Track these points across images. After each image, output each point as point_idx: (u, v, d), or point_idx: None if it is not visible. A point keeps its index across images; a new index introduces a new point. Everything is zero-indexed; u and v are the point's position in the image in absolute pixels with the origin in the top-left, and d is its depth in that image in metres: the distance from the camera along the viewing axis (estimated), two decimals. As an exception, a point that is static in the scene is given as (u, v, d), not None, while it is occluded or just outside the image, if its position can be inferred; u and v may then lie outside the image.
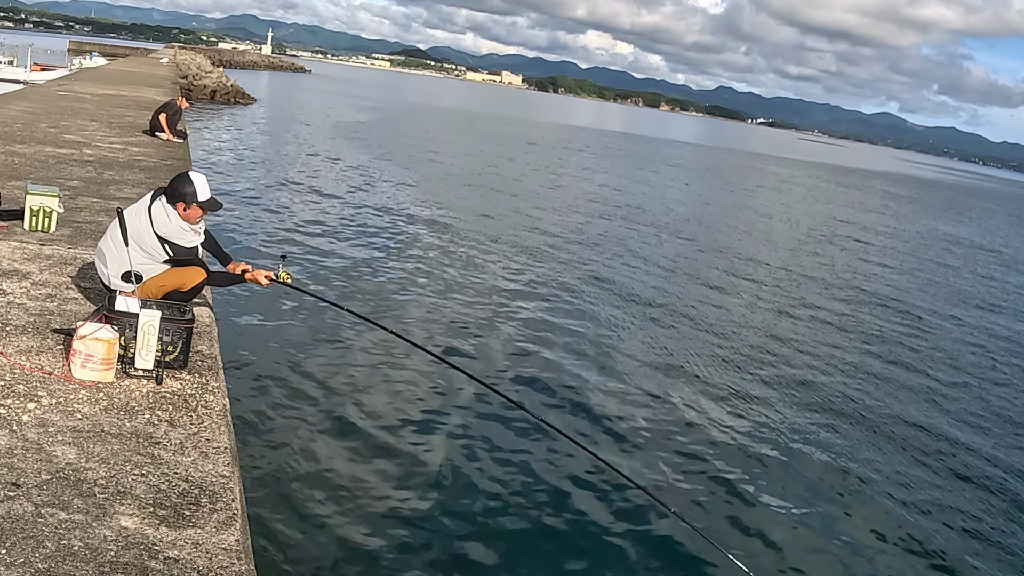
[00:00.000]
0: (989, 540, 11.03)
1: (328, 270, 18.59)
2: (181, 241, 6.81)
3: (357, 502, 8.93)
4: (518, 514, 9.40)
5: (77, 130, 19.26)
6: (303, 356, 13.16)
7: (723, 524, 10.05)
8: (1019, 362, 20.38)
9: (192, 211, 6.83)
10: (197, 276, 6.89)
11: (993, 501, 12.20)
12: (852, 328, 20.85)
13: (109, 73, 46.62)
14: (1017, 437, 15.06)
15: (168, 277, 6.83)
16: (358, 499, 8.98)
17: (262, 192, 27.37)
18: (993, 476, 13.07)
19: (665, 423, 12.88)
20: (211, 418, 5.50)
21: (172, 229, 6.76)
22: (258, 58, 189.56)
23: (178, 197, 6.79)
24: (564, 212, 33.77)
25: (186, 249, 6.86)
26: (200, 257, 7.10)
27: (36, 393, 5.39)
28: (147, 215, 6.76)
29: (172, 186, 6.85)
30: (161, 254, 6.77)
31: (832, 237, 39.01)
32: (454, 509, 9.18)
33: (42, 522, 4.04)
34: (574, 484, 10.19)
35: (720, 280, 24.33)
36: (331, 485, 9.24)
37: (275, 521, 8.33)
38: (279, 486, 8.99)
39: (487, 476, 10.05)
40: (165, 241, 6.74)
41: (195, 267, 6.93)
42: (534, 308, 17.93)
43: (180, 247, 6.81)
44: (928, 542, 10.63)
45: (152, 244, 6.72)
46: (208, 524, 4.30)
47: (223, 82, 66.30)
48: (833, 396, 15.27)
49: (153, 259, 6.77)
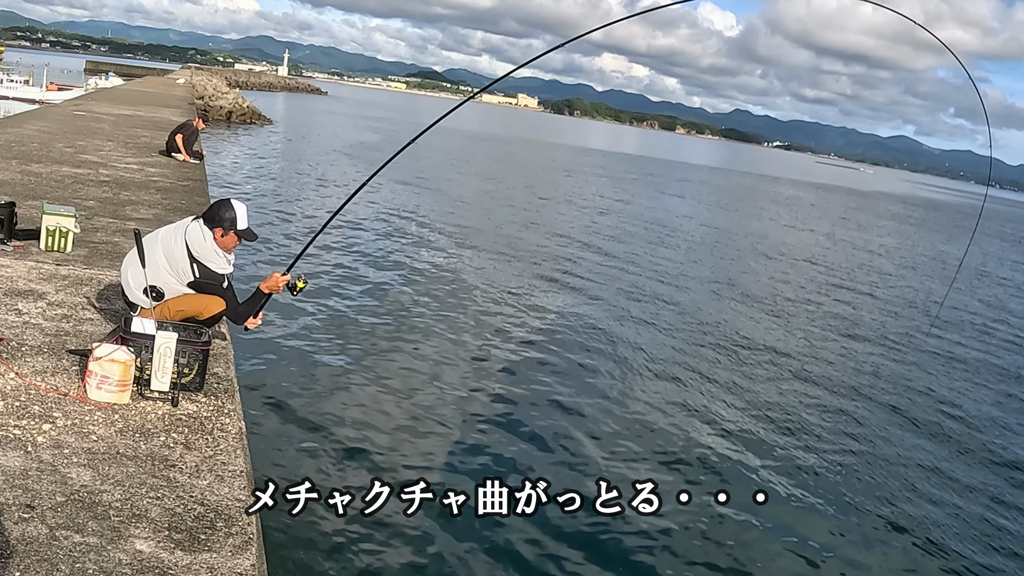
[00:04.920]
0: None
1: (343, 288, 18.59)
2: (212, 265, 6.76)
3: (374, 527, 8.87)
4: (543, 547, 9.35)
5: (93, 150, 19.34)
6: (320, 379, 13.12)
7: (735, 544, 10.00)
8: None
9: (229, 238, 6.81)
10: (216, 306, 6.81)
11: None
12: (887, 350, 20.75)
13: (125, 93, 46.92)
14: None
15: (187, 302, 6.77)
16: (375, 524, 8.92)
17: (276, 211, 27.44)
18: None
19: (682, 442, 12.83)
20: (227, 441, 5.47)
21: (205, 250, 6.73)
22: (274, 79, 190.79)
23: (217, 222, 6.77)
24: (582, 232, 33.71)
25: (215, 274, 6.80)
26: (226, 289, 6.99)
27: (51, 414, 5.37)
28: (183, 233, 6.76)
29: (212, 210, 6.85)
30: (188, 274, 6.73)
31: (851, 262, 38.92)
32: (473, 538, 9.11)
33: (56, 545, 4.02)
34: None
35: (750, 302, 24.28)
36: (348, 509, 9.18)
37: (291, 546, 8.27)
38: (296, 512, 8.93)
39: (501, 524, 9.92)
40: (196, 261, 6.72)
41: (215, 297, 6.85)
42: (563, 331, 17.89)
43: (209, 270, 6.76)
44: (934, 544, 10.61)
45: (182, 262, 6.71)
46: (224, 548, 4.27)
47: (239, 103, 66.55)
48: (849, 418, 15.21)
49: (179, 278, 6.73)
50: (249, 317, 7.03)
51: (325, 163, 46.85)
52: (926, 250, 51.91)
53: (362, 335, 15.63)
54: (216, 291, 6.86)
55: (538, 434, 12.19)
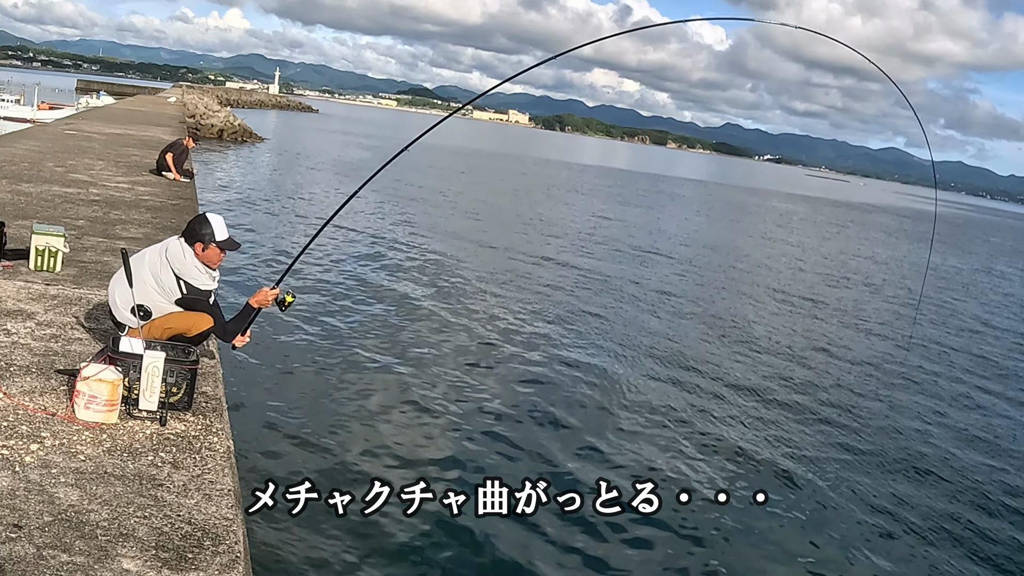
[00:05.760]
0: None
1: (331, 304, 18.60)
2: (195, 282, 6.78)
3: (363, 546, 8.87)
4: (543, 547, 9.37)
5: (84, 169, 19.35)
6: (308, 397, 13.10)
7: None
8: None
9: (211, 251, 6.84)
10: (204, 323, 6.82)
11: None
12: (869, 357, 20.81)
13: (116, 112, 46.91)
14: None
15: (175, 320, 6.78)
16: (364, 543, 8.92)
17: (266, 230, 27.45)
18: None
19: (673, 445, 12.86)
20: (215, 460, 5.49)
21: (187, 268, 6.75)
22: (265, 97, 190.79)
23: (196, 238, 6.82)
24: (572, 245, 33.75)
25: (200, 291, 6.82)
26: (213, 306, 7.00)
27: (39, 434, 5.38)
28: (164, 251, 6.81)
29: (190, 227, 6.90)
30: (175, 292, 6.75)
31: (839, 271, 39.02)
32: (463, 553, 9.11)
33: (44, 564, 4.03)
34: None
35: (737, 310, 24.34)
36: (337, 528, 9.18)
37: (279, 564, 8.27)
38: (283, 528, 8.94)
39: (501, 524, 9.91)
40: (180, 279, 6.75)
41: (203, 314, 6.86)
42: (547, 344, 17.89)
43: (194, 287, 6.78)
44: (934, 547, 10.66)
45: (168, 281, 6.73)
46: (211, 567, 4.28)
47: (230, 121, 66.55)
48: (823, 420, 15.26)
49: (167, 296, 6.75)
50: (237, 335, 7.05)
51: (315, 180, 46.89)
52: (916, 259, 52.06)
53: (350, 351, 15.62)
54: (203, 308, 6.87)
55: (532, 442, 12.24)
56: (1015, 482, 14.01)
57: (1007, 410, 18.58)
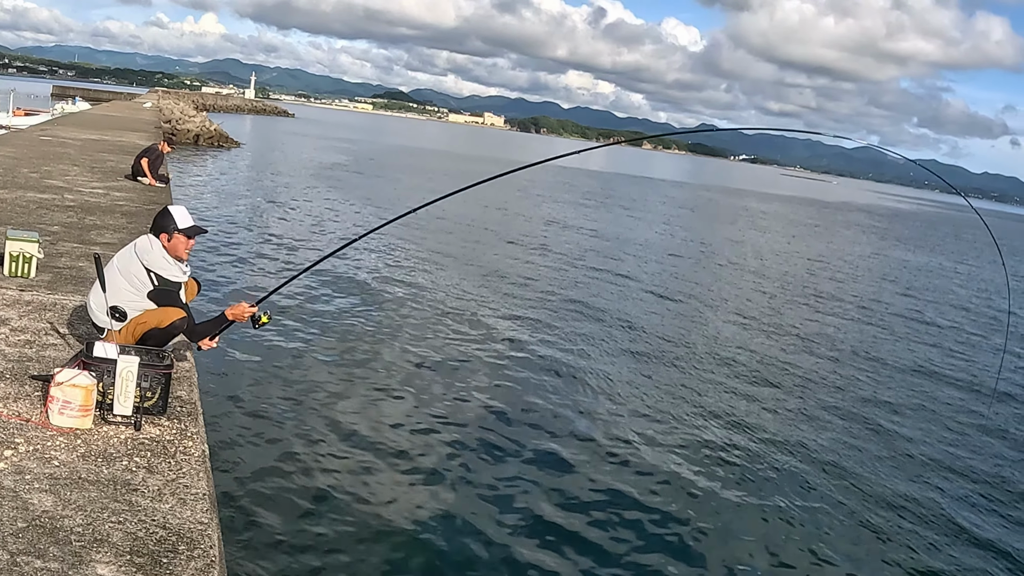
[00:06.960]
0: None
1: (308, 311, 18.55)
2: (165, 272, 6.90)
3: (338, 551, 8.85)
4: (543, 547, 9.39)
5: (59, 175, 19.25)
6: (283, 402, 13.05)
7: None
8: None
9: (176, 240, 6.96)
10: (175, 314, 6.84)
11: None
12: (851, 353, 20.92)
13: (92, 118, 46.69)
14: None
15: (148, 315, 6.83)
16: (339, 548, 8.91)
17: (242, 236, 27.29)
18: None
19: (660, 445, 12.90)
20: (190, 464, 5.47)
21: (155, 259, 6.88)
22: (241, 102, 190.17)
23: (160, 229, 6.99)
24: (556, 250, 33.80)
25: (170, 282, 6.92)
26: (183, 301, 7.08)
27: (13, 440, 5.36)
28: (134, 247, 6.96)
29: (154, 221, 7.09)
30: (147, 284, 6.82)
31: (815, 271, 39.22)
32: (437, 560, 9.10)
33: (17, 571, 4.01)
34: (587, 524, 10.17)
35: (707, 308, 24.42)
36: (311, 533, 9.16)
37: (253, 569, 8.25)
38: (258, 533, 8.92)
39: (478, 530, 9.88)
40: (150, 271, 6.84)
41: (175, 307, 6.91)
42: (524, 344, 17.91)
43: (164, 279, 6.88)
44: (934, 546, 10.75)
45: (139, 274, 6.83)
46: (185, 572, 4.26)
47: (206, 126, 66.33)
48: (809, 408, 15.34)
49: (139, 291, 6.81)
50: (205, 338, 7.05)
51: (293, 185, 46.65)
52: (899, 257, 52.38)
53: (327, 356, 15.59)
54: (175, 301, 6.96)
55: (515, 451, 12.21)
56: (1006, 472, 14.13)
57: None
